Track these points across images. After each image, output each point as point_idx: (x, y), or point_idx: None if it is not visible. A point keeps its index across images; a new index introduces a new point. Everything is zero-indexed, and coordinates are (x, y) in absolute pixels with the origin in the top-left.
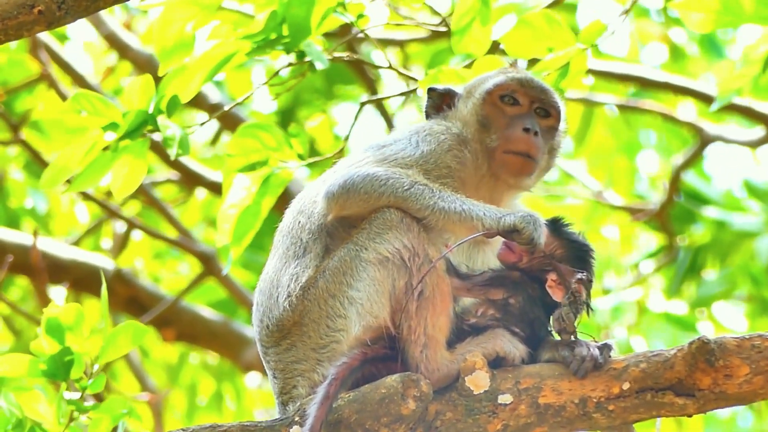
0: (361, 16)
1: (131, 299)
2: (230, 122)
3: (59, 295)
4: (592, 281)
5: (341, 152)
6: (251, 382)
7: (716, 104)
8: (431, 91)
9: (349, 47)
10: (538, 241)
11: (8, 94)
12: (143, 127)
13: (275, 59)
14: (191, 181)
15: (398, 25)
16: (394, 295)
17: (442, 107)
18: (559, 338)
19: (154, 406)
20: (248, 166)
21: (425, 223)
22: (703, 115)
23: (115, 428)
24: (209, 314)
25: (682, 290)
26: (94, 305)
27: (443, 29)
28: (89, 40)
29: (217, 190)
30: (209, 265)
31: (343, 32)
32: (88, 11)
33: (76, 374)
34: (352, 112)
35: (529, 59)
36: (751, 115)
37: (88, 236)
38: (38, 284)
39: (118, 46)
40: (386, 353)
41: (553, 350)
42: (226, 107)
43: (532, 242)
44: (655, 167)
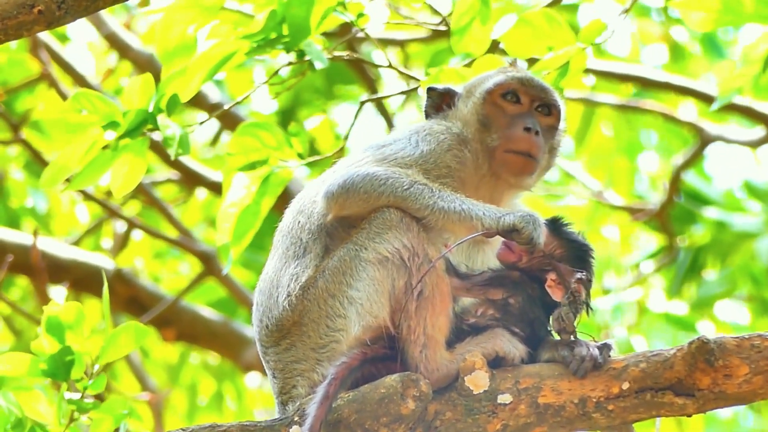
0: (361, 15)
1: (131, 299)
2: (230, 122)
3: (59, 295)
4: (591, 281)
5: (341, 152)
6: (252, 382)
7: (717, 103)
8: (430, 90)
9: (349, 47)
10: (537, 240)
11: (8, 93)
12: (143, 125)
13: (275, 58)
14: (191, 181)
15: (398, 24)
16: (393, 294)
17: (441, 107)
18: (558, 338)
19: (154, 406)
20: (248, 165)
21: (425, 222)
22: (703, 115)
23: (116, 429)
24: (209, 314)
25: (682, 291)
26: (94, 305)
27: (443, 29)
28: (90, 40)
29: (217, 190)
30: (209, 264)
31: (343, 32)
32: (87, 11)
33: (76, 374)
34: (352, 112)
35: (528, 58)
36: (751, 115)
37: (88, 236)
38: (38, 284)
39: (118, 46)
40: (386, 353)
41: (552, 350)
42: (226, 107)
43: (531, 242)
44: (655, 167)
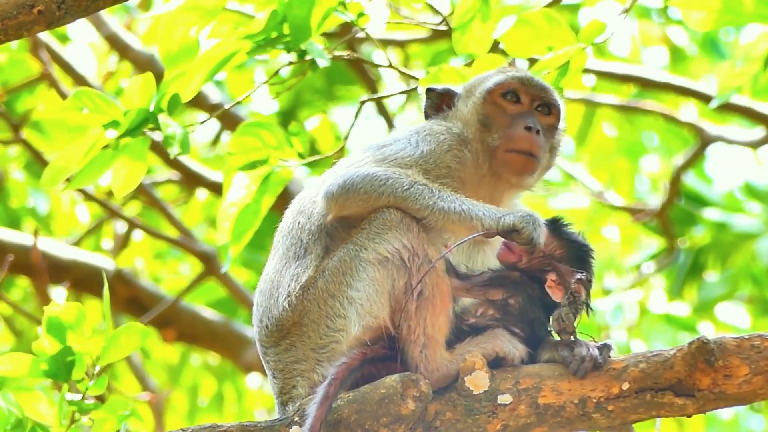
0: (361, 15)
1: (132, 299)
2: (231, 123)
3: (60, 295)
4: (591, 281)
5: (341, 152)
6: (252, 382)
7: (716, 101)
8: (430, 91)
9: (349, 48)
10: (537, 241)
11: (9, 93)
12: (144, 125)
13: (276, 58)
14: (192, 181)
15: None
16: (393, 295)
17: (441, 107)
18: (558, 338)
19: (155, 406)
20: (248, 164)
21: (425, 223)
22: (704, 115)
23: (117, 430)
24: (209, 314)
25: (683, 292)
26: (94, 305)
27: (444, 28)
28: (91, 41)
29: (217, 190)
30: (210, 264)
31: (343, 32)
32: (87, 11)
33: (77, 375)
34: (352, 112)
35: (528, 58)
36: (751, 115)
37: (88, 236)
38: (39, 284)
39: (118, 46)
40: (386, 353)
41: (552, 350)
42: (226, 107)
43: (531, 242)
44: (655, 168)
